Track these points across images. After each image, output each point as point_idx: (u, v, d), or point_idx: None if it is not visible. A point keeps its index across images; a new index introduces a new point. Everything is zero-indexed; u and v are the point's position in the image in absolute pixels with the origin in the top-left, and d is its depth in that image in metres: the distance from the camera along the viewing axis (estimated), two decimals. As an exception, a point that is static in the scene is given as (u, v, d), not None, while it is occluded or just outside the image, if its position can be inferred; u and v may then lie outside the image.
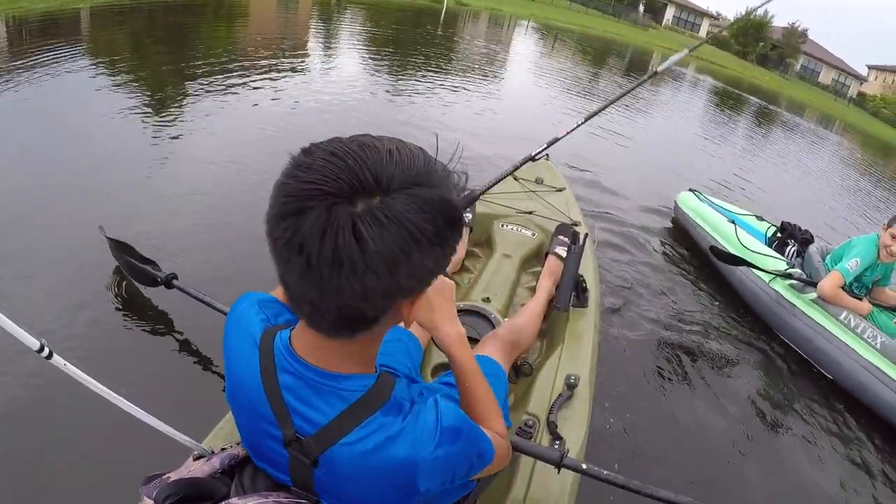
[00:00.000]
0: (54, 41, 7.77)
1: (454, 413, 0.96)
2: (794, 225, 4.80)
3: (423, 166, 0.78)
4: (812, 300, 4.00)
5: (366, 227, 0.70)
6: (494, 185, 3.13)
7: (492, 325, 2.43)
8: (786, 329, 4.18)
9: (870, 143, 27.95)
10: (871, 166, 18.34)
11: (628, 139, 9.56)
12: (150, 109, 5.90)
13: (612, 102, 3.03)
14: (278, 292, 1.23)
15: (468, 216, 3.16)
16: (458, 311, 2.44)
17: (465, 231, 3.12)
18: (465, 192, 0.84)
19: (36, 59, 6.73)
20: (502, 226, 3.34)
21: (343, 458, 0.89)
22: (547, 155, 4.27)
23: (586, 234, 2.90)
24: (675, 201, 5.79)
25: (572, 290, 2.63)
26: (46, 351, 1.40)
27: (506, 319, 2.48)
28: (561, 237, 3.05)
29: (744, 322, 4.41)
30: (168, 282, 2.78)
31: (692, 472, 2.84)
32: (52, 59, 6.86)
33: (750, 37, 54.03)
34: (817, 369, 3.97)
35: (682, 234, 5.66)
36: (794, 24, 56.02)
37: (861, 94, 56.46)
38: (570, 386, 2.11)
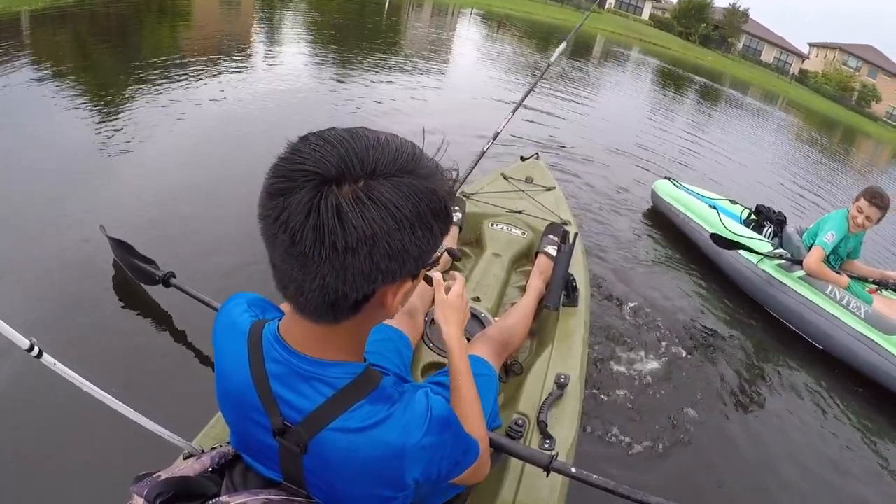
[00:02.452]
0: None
1: (444, 405, 0.98)
2: (769, 207, 5.14)
3: (411, 157, 0.82)
4: (800, 277, 4.27)
5: (348, 206, 0.74)
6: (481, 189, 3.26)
7: (482, 324, 2.46)
8: (777, 306, 4.45)
9: (813, 118, 29.01)
10: (819, 141, 19.08)
11: (581, 124, 9.72)
12: (108, 109, 5.86)
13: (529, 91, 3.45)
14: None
15: (458, 215, 3.21)
16: None
17: (455, 230, 3.15)
18: (455, 189, 0.89)
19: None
20: (492, 225, 3.36)
21: (331, 444, 0.91)
22: (538, 154, 4.52)
23: (576, 234, 2.94)
24: (652, 189, 5.99)
25: (562, 290, 2.65)
26: (36, 350, 1.42)
27: (496, 319, 2.51)
28: (551, 236, 3.08)
29: (733, 303, 4.61)
30: (166, 280, 2.81)
31: (687, 470, 2.84)
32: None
33: (692, 18, 55.11)
34: (808, 341, 4.26)
35: (661, 222, 5.83)
36: (734, 4, 57.52)
37: (803, 72, 58.26)
38: (561, 385, 2.14)
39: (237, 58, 9.34)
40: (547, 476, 1.63)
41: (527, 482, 1.78)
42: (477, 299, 2.68)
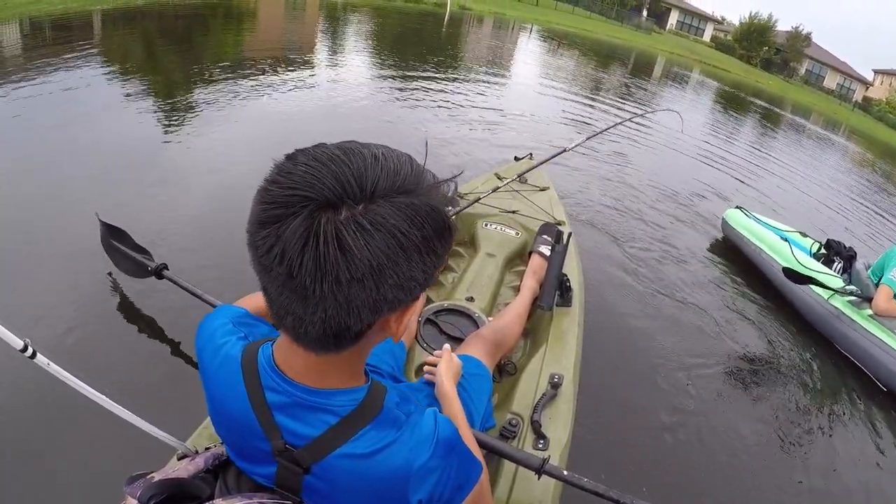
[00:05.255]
0: (68, 43, 7.91)
1: (451, 428, 0.94)
2: (839, 242, 4.92)
3: (411, 173, 0.75)
4: (870, 315, 4.04)
5: (350, 234, 0.68)
6: (475, 201, 3.23)
7: (476, 324, 2.44)
8: (845, 342, 4.19)
9: (876, 147, 27.87)
10: (885, 171, 18.23)
11: (643, 143, 9.43)
12: (159, 109, 5.94)
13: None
14: (246, 302, 1.28)
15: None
16: (442, 310, 2.50)
17: None
18: (456, 200, 0.82)
19: (49, 60, 6.82)
20: (486, 225, 3.33)
21: (337, 468, 0.88)
22: (531, 154, 4.51)
23: (570, 234, 2.88)
24: (722, 218, 5.81)
25: (556, 290, 2.62)
26: (30, 350, 1.39)
27: (490, 319, 2.47)
28: (545, 236, 3.06)
29: (798, 335, 4.40)
30: (158, 272, 2.69)
31: (691, 482, 2.75)
32: (66, 59, 6.94)
33: (753, 41, 54.12)
34: (873, 381, 3.98)
35: (731, 250, 5.64)
36: (797, 27, 56.16)
37: (866, 99, 56.31)
38: (555, 385, 2.12)
39: (297, 64, 9.42)
40: (539, 478, 1.62)
41: (520, 483, 1.78)
42: (471, 299, 2.65)
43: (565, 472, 1.61)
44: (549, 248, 2.85)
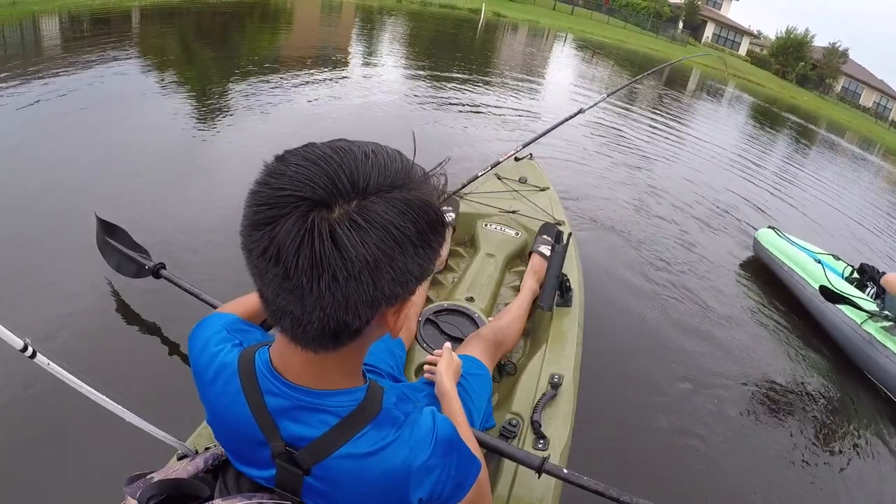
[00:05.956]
0: (106, 37, 7.99)
1: (449, 426, 0.95)
2: (873, 267, 4.80)
3: (401, 168, 0.75)
4: None
5: (345, 232, 0.68)
6: (472, 181, 3.26)
7: (476, 324, 2.45)
8: (876, 369, 4.06)
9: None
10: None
11: (674, 157, 9.16)
12: (184, 107, 5.97)
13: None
14: (233, 307, 1.25)
15: (451, 216, 3.19)
16: (442, 310, 2.50)
17: (448, 230, 3.09)
18: (446, 194, 0.82)
19: (88, 52, 6.94)
20: (486, 225, 3.33)
21: (337, 469, 0.87)
22: (531, 154, 4.39)
23: (570, 234, 2.84)
24: (754, 238, 5.70)
25: (556, 290, 2.60)
26: (30, 350, 1.38)
27: (490, 319, 2.48)
28: (545, 236, 3.06)
29: (826, 359, 4.31)
30: (156, 271, 2.65)
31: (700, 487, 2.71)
32: (104, 52, 7.05)
33: (789, 56, 53.30)
34: None
35: (761, 270, 5.53)
36: (834, 43, 55.13)
37: (903, 118, 55.34)
38: (554, 385, 2.12)
39: (330, 65, 9.49)
40: (539, 477, 1.62)
41: (520, 482, 1.78)
42: (471, 299, 2.65)
43: (565, 471, 1.62)
44: (549, 248, 2.83)
